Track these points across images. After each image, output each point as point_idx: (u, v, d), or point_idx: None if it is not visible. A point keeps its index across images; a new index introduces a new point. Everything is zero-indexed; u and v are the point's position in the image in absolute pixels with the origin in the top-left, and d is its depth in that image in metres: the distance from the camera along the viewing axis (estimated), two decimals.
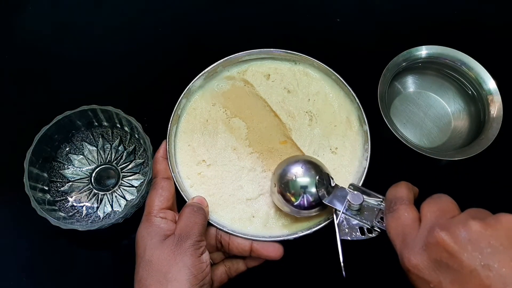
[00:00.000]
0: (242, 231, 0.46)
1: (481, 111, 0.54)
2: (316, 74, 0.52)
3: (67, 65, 0.59)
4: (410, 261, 0.34)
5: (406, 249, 0.34)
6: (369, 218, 0.41)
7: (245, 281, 0.48)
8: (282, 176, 0.44)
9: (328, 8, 0.62)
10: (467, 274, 0.30)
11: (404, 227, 0.36)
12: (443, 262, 0.32)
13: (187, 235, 0.41)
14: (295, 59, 0.52)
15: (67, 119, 0.50)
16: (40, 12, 0.62)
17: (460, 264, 0.31)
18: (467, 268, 0.30)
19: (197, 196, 0.47)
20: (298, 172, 0.44)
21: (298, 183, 0.43)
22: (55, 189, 0.52)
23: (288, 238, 0.45)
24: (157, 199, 0.44)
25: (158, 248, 0.40)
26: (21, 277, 0.50)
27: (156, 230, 0.42)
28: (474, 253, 0.30)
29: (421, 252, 0.33)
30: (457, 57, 0.54)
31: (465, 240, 0.31)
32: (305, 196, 0.43)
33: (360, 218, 0.41)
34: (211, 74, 0.52)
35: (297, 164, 0.44)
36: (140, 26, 0.62)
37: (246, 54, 0.52)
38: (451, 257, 0.31)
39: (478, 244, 0.31)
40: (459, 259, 0.31)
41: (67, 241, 0.51)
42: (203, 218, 0.43)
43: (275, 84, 0.52)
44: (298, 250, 0.47)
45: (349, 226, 0.42)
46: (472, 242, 0.31)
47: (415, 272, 0.33)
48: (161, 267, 0.39)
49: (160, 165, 0.47)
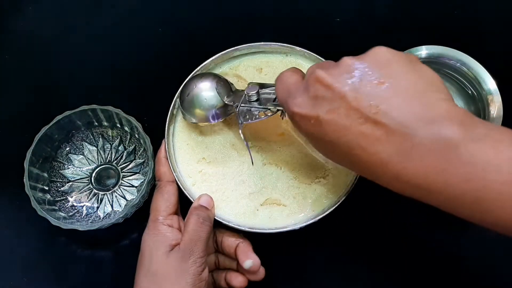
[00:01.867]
0: (247, 225, 0.46)
1: (481, 111, 0.54)
2: (308, 64, 0.52)
3: (67, 65, 0.59)
4: (293, 103, 0.36)
5: (290, 97, 0.37)
6: (266, 103, 0.45)
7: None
8: (184, 91, 0.48)
9: (328, 8, 0.62)
10: (338, 101, 0.33)
11: (288, 86, 0.38)
12: (319, 96, 0.34)
13: (191, 251, 0.41)
14: (286, 51, 0.53)
15: (67, 119, 0.50)
16: (39, 12, 0.62)
17: (333, 92, 0.33)
18: (338, 94, 0.33)
19: (203, 195, 0.46)
20: (198, 84, 0.48)
21: (200, 94, 0.47)
22: (55, 189, 0.52)
23: (294, 228, 0.45)
24: (164, 204, 0.45)
25: (164, 262, 0.41)
26: (21, 277, 0.50)
27: (162, 240, 0.42)
28: (346, 80, 0.33)
29: (302, 93, 0.36)
30: (457, 57, 0.54)
31: (339, 72, 0.34)
32: (209, 102, 0.47)
33: (259, 105, 0.45)
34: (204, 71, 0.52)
35: (195, 78, 0.49)
36: (140, 26, 0.62)
37: (236, 49, 0.52)
38: (326, 89, 0.34)
39: (349, 73, 0.34)
40: (332, 88, 0.34)
41: (67, 241, 0.51)
42: (208, 231, 0.43)
43: (268, 77, 0.52)
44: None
45: (250, 113, 0.45)
46: (344, 72, 0.34)
47: (297, 111, 0.36)
48: (164, 283, 0.40)
49: (163, 167, 0.47)
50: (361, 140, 0.33)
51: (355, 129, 0.33)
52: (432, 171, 0.31)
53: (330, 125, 0.34)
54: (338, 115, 0.33)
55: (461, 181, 0.30)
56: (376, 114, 0.32)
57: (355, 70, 0.34)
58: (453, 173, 0.30)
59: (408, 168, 0.31)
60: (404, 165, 0.31)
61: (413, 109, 0.32)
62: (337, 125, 0.33)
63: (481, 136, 0.30)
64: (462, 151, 0.30)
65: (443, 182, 0.30)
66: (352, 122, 0.33)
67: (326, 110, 0.34)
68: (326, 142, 0.35)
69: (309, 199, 0.47)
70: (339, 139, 0.34)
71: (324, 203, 0.47)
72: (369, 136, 0.32)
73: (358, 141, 0.33)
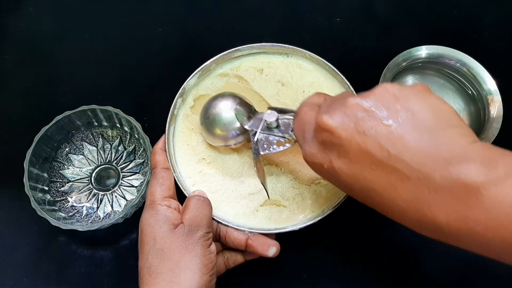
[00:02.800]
0: (247, 226, 0.46)
1: (481, 111, 0.54)
2: (309, 65, 0.52)
3: (67, 65, 0.59)
4: (305, 151, 0.36)
5: (304, 142, 0.36)
6: (284, 131, 0.44)
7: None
8: (205, 113, 0.48)
9: (328, 8, 0.62)
10: (347, 145, 0.32)
11: (303, 124, 0.37)
12: (327, 142, 0.33)
13: (197, 226, 0.41)
14: (287, 52, 0.53)
15: (67, 119, 0.50)
16: (39, 12, 0.62)
17: (340, 137, 0.32)
18: (345, 139, 0.32)
19: (196, 190, 0.47)
20: (217, 106, 0.47)
21: (219, 116, 0.46)
22: (55, 189, 0.52)
23: (293, 229, 0.45)
24: (159, 188, 0.44)
25: (169, 237, 0.40)
26: (21, 277, 0.50)
27: (163, 219, 0.41)
28: (350, 123, 0.32)
29: (311, 140, 0.35)
30: (457, 57, 0.54)
31: (341, 114, 0.32)
32: (228, 126, 0.46)
33: (277, 133, 0.44)
34: (205, 72, 0.52)
35: (216, 99, 0.48)
36: (139, 26, 0.62)
37: (237, 50, 0.52)
38: (332, 135, 0.33)
39: (353, 115, 0.32)
40: (337, 133, 0.32)
41: (67, 241, 0.51)
42: (210, 210, 0.44)
43: (269, 78, 0.52)
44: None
45: (268, 142, 0.44)
46: (347, 115, 0.32)
47: (310, 159, 0.35)
48: (173, 255, 0.39)
49: (159, 156, 0.47)
50: (375, 186, 0.31)
51: (367, 175, 0.31)
52: (453, 218, 0.28)
53: (343, 170, 0.33)
54: (349, 160, 0.32)
55: (485, 229, 0.27)
56: (388, 158, 0.30)
57: (360, 111, 0.32)
58: (475, 220, 0.27)
59: (427, 215, 0.29)
60: (423, 212, 0.29)
61: (427, 150, 0.29)
62: (349, 170, 0.32)
63: (502, 176, 0.27)
64: (483, 196, 0.27)
65: (466, 230, 0.28)
66: (364, 167, 0.31)
67: (337, 155, 0.33)
68: (343, 185, 0.34)
69: (308, 200, 0.47)
70: (353, 184, 0.33)
71: (323, 204, 0.47)
72: (383, 182, 0.31)
73: (372, 186, 0.31)
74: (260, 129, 0.44)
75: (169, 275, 0.38)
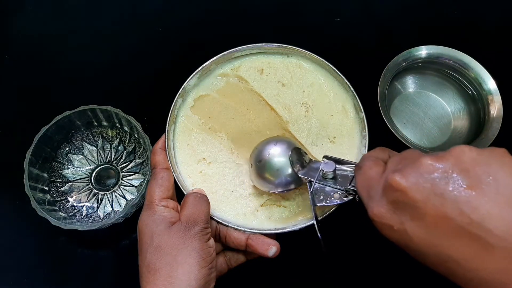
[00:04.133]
0: (247, 226, 0.46)
1: (481, 111, 0.54)
2: (309, 65, 0.52)
3: (67, 65, 0.59)
4: (372, 210, 0.34)
5: (370, 200, 0.34)
6: (343, 184, 0.42)
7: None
8: (257, 156, 0.46)
9: (328, 8, 0.62)
10: (423, 207, 0.30)
11: (369, 180, 0.35)
12: (399, 202, 0.31)
13: (194, 221, 0.41)
14: (287, 52, 0.53)
15: (67, 119, 0.50)
16: (39, 13, 0.62)
17: (414, 199, 0.30)
18: (421, 201, 0.30)
19: (195, 188, 0.47)
20: (271, 150, 0.45)
21: (272, 160, 0.45)
22: (55, 189, 0.52)
23: (293, 229, 0.45)
24: (158, 189, 0.44)
25: (166, 234, 0.40)
26: (21, 277, 0.50)
27: (160, 218, 0.42)
28: (425, 184, 0.30)
29: (380, 199, 0.33)
30: (457, 57, 0.54)
31: (416, 175, 0.31)
32: (280, 172, 0.45)
33: (335, 185, 0.42)
34: (205, 72, 0.52)
35: (270, 143, 0.46)
36: (140, 26, 0.62)
37: (238, 50, 0.52)
38: (404, 195, 0.31)
39: (428, 176, 0.30)
40: (411, 194, 0.30)
41: (67, 241, 0.51)
42: (208, 206, 0.44)
43: (269, 78, 0.52)
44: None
45: (324, 193, 0.43)
46: (422, 175, 0.30)
47: (378, 220, 0.33)
48: (171, 251, 0.39)
49: (158, 156, 0.47)
50: (454, 253, 0.29)
51: (444, 241, 0.29)
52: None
53: (415, 234, 0.31)
54: (424, 223, 0.30)
55: None
56: (469, 225, 0.28)
57: (435, 172, 0.30)
58: None
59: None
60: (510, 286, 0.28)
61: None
62: (423, 234, 0.30)
63: None
64: None
65: None
66: (441, 233, 0.29)
67: (410, 217, 0.31)
68: (413, 250, 0.32)
69: (308, 200, 0.47)
70: (428, 249, 0.31)
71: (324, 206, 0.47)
72: (463, 251, 0.29)
73: (450, 254, 0.29)
74: (317, 178, 0.43)
75: (167, 270, 0.38)
